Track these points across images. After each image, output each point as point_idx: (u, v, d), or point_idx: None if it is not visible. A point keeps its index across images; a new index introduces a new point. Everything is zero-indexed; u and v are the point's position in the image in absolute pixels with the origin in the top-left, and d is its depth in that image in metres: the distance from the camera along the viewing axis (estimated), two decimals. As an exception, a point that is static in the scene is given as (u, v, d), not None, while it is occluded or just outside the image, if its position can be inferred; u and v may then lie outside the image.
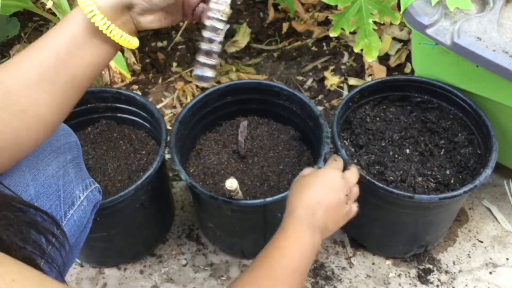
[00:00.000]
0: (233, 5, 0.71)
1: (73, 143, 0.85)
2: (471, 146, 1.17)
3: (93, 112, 1.27)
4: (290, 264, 0.72)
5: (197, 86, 1.61)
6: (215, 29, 0.71)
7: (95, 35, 0.67)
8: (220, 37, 0.72)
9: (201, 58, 0.72)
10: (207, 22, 0.72)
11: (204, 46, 0.72)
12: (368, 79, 1.62)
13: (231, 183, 0.99)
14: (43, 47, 0.66)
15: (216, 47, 0.72)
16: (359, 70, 1.65)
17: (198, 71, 0.72)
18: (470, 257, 1.26)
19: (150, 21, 0.71)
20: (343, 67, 1.67)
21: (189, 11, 0.75)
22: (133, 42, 0.72)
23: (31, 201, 0.76)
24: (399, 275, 1.23)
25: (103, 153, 1.23)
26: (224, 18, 0.71)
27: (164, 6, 0.70)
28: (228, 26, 0.72)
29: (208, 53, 0.72)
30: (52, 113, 0.68)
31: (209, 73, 0.72)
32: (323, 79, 1.63)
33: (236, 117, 1.29)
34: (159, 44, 1.73)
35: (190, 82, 1.63)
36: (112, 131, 1.27)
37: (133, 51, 1.62)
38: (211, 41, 0.71)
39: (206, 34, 0.71)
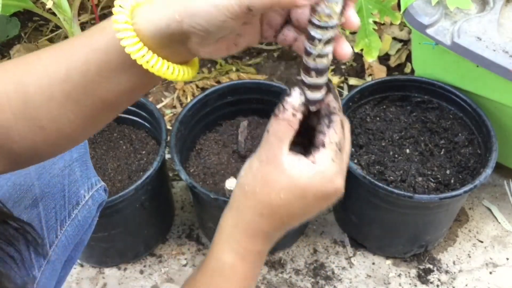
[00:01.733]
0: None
1: None
2: (471, 146, 1.17)
3: (93, 112, 1.27)
4: None
5: (197, 86, 1.61)
6: (328, 41, 0.48)
7: (134, 64, 0.49)
8: (332, 47, 0.49)
9: (307, 78, 0.51)
10: (314, 33, 0.48)
11: (305, 59, 0.50)
12: (368, 79, 1.62)
13: (231, 183, 0.99)
14: (71, 58, 0.52)
15: (317, 62, 0.50)
16: (359, 70, 1.65)
17: (309, 95, 0.52)
18: (470, 257, 1.26)
19: (212, 50, 0.51)
20: (343, 67, 1.67)
21: (270, 34, 0.54)
22: (187, 73, 0.53)
23: (35, 201, 0.75)
24: (399, 275, 1.23)
25: (103, 153, 1.23)
26: (333, 23, 0.47)
27: (227, 34, 0.49)
28: (336, 32, 0.49)
29: (307, 70, 0.50)
30: (76, 131, 0.56)
31: (318, 94, 0.52)
32: (323, 79, 1.63)
33: (236, 117, 1.29)
34: (159, 44, 1.72)
35: (190, 82, 1.63)
36: (112, 131, 1.27)
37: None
38: (310, 54, 0.50)
39: (307, 44, 0.49)
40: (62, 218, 0.78)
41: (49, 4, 1.29)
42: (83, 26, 1.74)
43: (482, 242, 1.28)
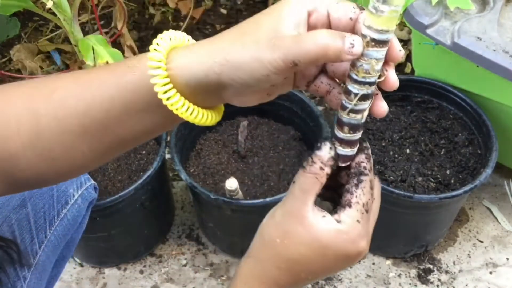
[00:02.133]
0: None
1: None
2: (471, 146, 1.17)
3: (93, 112, 1.27)
4: None
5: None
6: (364, 97, 0.46)
7: (160, 105, 0.47)
8: (368, 104, 0.47)
9: (340, 133, 0.49)
10: (351, 87, 0.46)
11: (340, 114, 0.48)
12: (368, 79, 1.62)
13: (231, 183, 0.99)
14: (94, 93, 0.49)
15: (353, 119, 0.48)
16: (359, 70, 1.65)
17: (340, 151, 0.50)
18: (470, 257, 1.26)
19: (246, 100, 0.50)
20: (343, 67, 1.66)
21: (303, 83, 0.51)
22: (213, 119, 0.52)
23: (24, 201, 0.75)
24: (399, 275, 1.23)
25: (103, 153, 1.23)
26: (373, 79, 0.45)
27: (266, 86, 0.47)
28: (375, 89, 0.47)
29: (342, 124, 0.49)
30: (89, 162, 0.54)
31: (349, 150, 0.50)
32: (323, 79, 1.63)
33: (236, 117, 1.29)
34: (159, 44, 1.72)
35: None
36: (112, 131, 1.27)
37: (133, 51, 1.62)
38: (348, 110, 0.47)
39: (344, 99, 0.47)
40: (51, 218, 0.78)
41: (49, 4, 1.29)
42: (83, 26, 1.74)
43: (482, 242, 1.28)
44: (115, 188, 1.16)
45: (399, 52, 0.46)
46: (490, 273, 1.23)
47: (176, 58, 0.46)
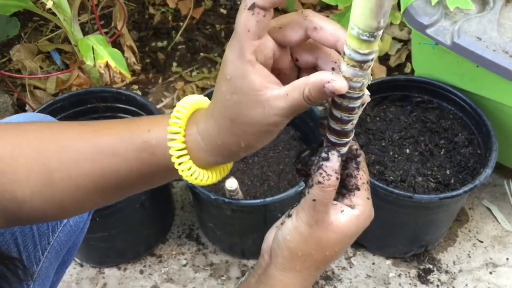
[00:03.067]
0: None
1: None
2: (471, 146, 1.17)
3: (93, 112, 1.27)
4: None
5: (197, 86, 1.61)
6: (349, 109, 0.50)
7: (174, 169, 0.51)
8: (356, 116, 0.51)
9: (332, 138, 0.53)
10: (339, 100, 0.50)
11: (334, 125, 0.52)
12: (368, 79, 1.62)
13: (231, 183, 0.99)
14: (110, 160, 0.50)
15: (350, 126, 0.52)
16: (359, 70, 1.65)
17: (332, 152, 0.54)
18: (470, 257, 1.26)
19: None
20: (343, 67, 1.67)
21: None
22: (220, 176, 0.56)
23: None
24: (399, 275, 1.23)
25: (103, 153, 1.23)
26: (362, 93, 0.49)
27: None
28: (365, 97, 0.51)
29: (340, 133, 0.52)
30: (97, 206, 0.57)
31: (347, 148, 0.55)
32: (323, 79, 1.63)
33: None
34: (159, 44, 1.72)
35: (190, 82, 1.63)
36: (112, 131, 1.27)
37: (133, 51, 1.62)
38: (342, 121, 0.51)
39: (337, 112, 0.51)
40: (53, 224, 0.78)
41: (49, 4, 1.29)
42: (83, 26, 1.74)
43: (482, 242, 1.28)
44: (115, 188, 1.16)
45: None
46: (490, 273, 1.23)
47: (195, 127, 0.49)
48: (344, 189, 0.55)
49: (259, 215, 1.11)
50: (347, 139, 0.53)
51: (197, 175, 0.51)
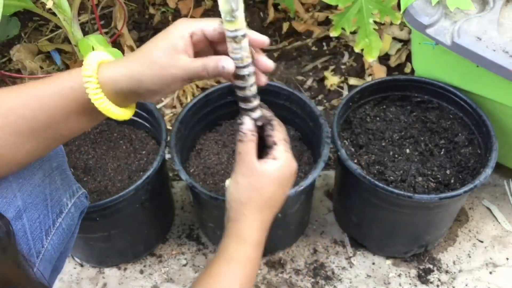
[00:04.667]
0: (251, 51, 0.68)
1: (58, 150, 0.84)
2: (471, 146, 1.17)
3: (93, 112, 1.27)
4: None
5: (197, 86, 1.61)
6: (241, 77, 0.69)
7: (95, 109, 0.66)
8: (248, 82, 0.69)
9: (242, 105, 0.72)
10: (234, 73, 0.69)
11: (238, 93, 0.72)
12: (368, 79, 1.62)
13: (231, 183, 0.99)
14: (41, 105, 0.65)
15: (248, 92, 0.71)
16: (359, 70, 1.65)
17: (244, 118, 0.74)
18: (470, 257, 1.26)
19: (156, 99, 0.69)
20: (343, 67, 1.67)
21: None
22: (129, 113, 0.71)
23: (19, 212, 0.75)
24: (399, 275, 1.23)
25: (103, 153, 1.23)
26: (246, 63, 0.67)
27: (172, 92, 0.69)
28: (253, 68, 0.69)
29: (244, 99, 0.71)
30: (29, 158, 0.69)
31: (259, 112, 0.73)
32: (323, 79, 1.63)
33: (236, 117, 1.29)
34: (159, 44, 1.72)
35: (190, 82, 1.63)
36: (112, 131, 1.27)
37: (133, 51, 1.62)
38: (241, 88, 0.71)
39: (236, 82, 0.71)
40: (47, 228, 0.78)
41: (49, 4, 1.29)
42: (83, 26, 1.74)
43: (482, 242, 1.28)
44: (115, 188, 1.16)
45: (261, 40, 0.68)
46: (490, 273, 1.23)
47: (104, 72, 0.65)
48: (267, 149, 0.73)
49: (259, 215, 1.11)
50: (252, 104, 0.72)
51: (109, 107, 0.66)
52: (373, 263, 1.25)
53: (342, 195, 1.24)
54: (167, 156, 1.22)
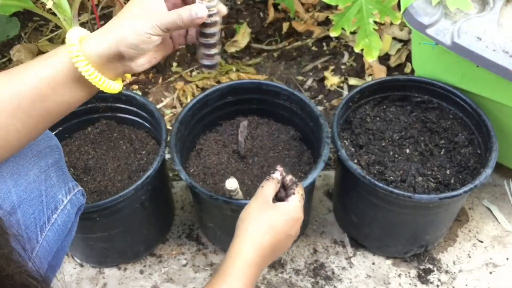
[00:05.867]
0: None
1: (54, 147, 0.84)
2: (471, 146, 1.17)
3: (93, 112, 1.27)
4: None
5: (197, 86, 1.61)
6: (209, 24, 0.75)
7: (79, 80, 0.68)
8: (216, 28, 0.76)
9: (204, 51, 0.78)
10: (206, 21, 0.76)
11: (204, 40, 0.77)
12: (368, 79, 1.62)
13: (231, 183, 0.99)
14: (25, 78, 0.66)
15: (215, 39, 0.78)
16: (359, 70, 1.65)
17: (205, 61, 0.79)
18: (470, 257, 1.26)
19: (140, 64, 0.71)
20: (343, 67, 1.67)
21: (181, 40, 0.77)
22: (116, 87, 0.72)
23: (13, 207, 0.75)
24: (399, 275, 1.23)
25: (103, 153, 1.23)
26: (215, 10, 0.73)
27: (152, 48, 0.70)
28: (219, 16, 0.76)
29: (210, 46, 0.77)
30: (19, 139, 0.69)
31: (214, 61, 0.80)
32: (323, 79, 1.63)
33: (236, 117, 1.29)
34: (159, 44, 1.73)
35: (190, 82, 1.63)
36: (112, 131, 1.27)
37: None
38: (209, 35, 0.76)
39: (204, 30, 0.75)
40: (41, 224, 0.78)
41: (49, 4, 1.29)
42: (83, 26, 1.73)
43: (482, 242, 1.28)
44: (115, 188, 1.16)
45: None
46: (490, 273, 1.23)
47: (86, 44, 0.67)
48: (287, 197, 0.85)
49: (259, 215, 1.11)
50: (215, 50, 0.78)
51: (99, 78, 0.68)
52: (373, 263, 1.25)
53: (342, 195, 1.24)
54: (167, 156, 1.22)
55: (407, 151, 1.18)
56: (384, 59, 1.64)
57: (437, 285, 1.21)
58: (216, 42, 0.78)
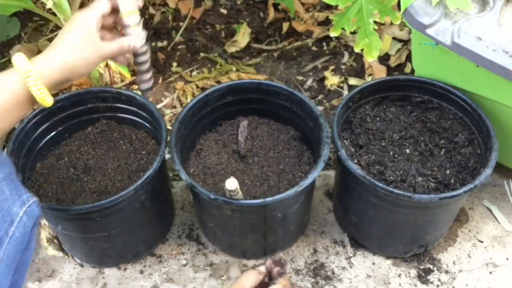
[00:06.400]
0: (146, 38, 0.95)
1: (3, 161, 0.83)
2: (471, 146, 1.17)
3: (93, 112, 1.27)
4: None
5: (197, 86, 1.61)
6: (142, 53, 0.96)
7: (33, 100, 0.82)
8: (147, 56, 0.98)
9: (140, 77, 1.00)
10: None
11: (140, 67, 0.98)
12: (368, 79, 1.62)
13: (231, 183, 0.99)
14: None
15: (147, 65, 0.99)
16: (359, 70, 1.65)
17: (142, 85, 1.01)
18: (470, 257, 1.26)
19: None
20: (343, 67, 1.67)
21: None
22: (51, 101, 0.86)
23: None
24: (399, 275, 1.23)
25: (103, 153, 1.23)
26: (145, 40, 0.93)
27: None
28: (146, 47, 0.96)
29: (144, 71, 0.99)
30: None
31: (150, 83, 1.01)
32: (323, 79, 1.63)
33: (236, 117, 1.29)
34: (159, 44, 1.73)
35: (190, 82, 1.63)
36: (112, 131, 1.27)
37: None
38: (142, 63, 0.98)
39: (137, 58, 0.96)
40: (0, 236, 0.78)
41: (49, 4, 1.29)
42: (83, 26, 1.73)
43: (482, 242, 1.28)
44: (115, 188, 1.16)
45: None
46: (490, 273, 1.23)
47: (40, 68, 0.82)
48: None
49: (259, 215, 1.11)
50: (149, 75, 1.00)
51: (50, 100, 0.83)
52: (373, 263, 1.25)
53: (342, 195, 1.24)
54: (167, 156, 1.22)
55: (407, 151, 1.18)
56: (384, 59, 1.64)
57: (437, 285, 1.21)
58: (149, 67, 0.97)
